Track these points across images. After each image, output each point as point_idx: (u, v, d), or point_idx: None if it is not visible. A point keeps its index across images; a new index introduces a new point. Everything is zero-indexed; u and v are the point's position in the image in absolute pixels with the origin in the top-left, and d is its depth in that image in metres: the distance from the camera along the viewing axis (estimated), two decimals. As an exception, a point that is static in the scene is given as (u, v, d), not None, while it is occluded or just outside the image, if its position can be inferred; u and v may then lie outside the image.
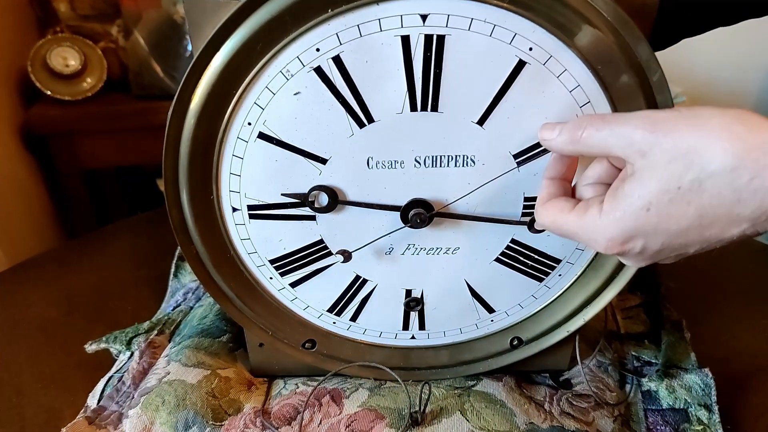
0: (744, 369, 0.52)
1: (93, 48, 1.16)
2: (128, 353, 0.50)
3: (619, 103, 0.35)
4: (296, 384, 0.48)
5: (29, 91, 1.14)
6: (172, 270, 0.63)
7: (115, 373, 0.49)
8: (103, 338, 0.51)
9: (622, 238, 0.30)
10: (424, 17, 0.32)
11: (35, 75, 1.12)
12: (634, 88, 0.34)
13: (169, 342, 0.51)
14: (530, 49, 0.33)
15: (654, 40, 0.49)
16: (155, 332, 0.51)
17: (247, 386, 0.47)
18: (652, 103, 0.35)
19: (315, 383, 0.47)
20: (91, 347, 0.51)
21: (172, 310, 0.56)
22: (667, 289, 0.60)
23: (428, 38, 0.33)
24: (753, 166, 0.25)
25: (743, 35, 0.53)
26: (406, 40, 0.33)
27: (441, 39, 0.33)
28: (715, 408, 0.45)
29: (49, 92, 1.13)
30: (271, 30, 0.32)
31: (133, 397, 0.45)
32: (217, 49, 0.33)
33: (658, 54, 0.51)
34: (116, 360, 0.51)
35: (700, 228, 0.28)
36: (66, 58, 1.13)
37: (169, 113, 0.35)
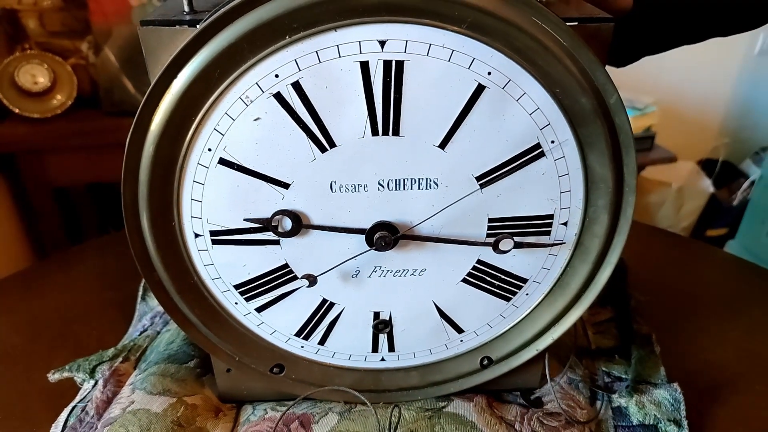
0: (713, 382, 0.52)
1: (63, 65, 1.14)
2: (92, 382, 0.49)
3: (578, 125, 0.35)
4: (265, 409, 0.47)
5: (-3, 109, 1.12)
6: (140, 293, 0.62)
7: (78, 402, 0.47)
8: (66, 366, 0.50)
9: None
10: (382, 43, 0.32)
11: (3, 93, 1.10)
12: (592, 110, 0.35)
13: (135, 369, 0.50)
14: (489, 73, 0.33)
15: (615, 58, 0.50)
16: (120, 359, 0.50)
17: (214, 413, 0.46)
18: (610, 125, 0.36)
19: (284, 408, 0.46)
20: (53, 376, 0.49)
21: (139, 334, 0.55)
22: (637, 303, 0.61)
23: (387, 64, 0.33)
24: None
25: (711, 45, 0.54)
26: (365, 66, 0.33)
27: (400, 64, 0.33)
28: (685, 423, 0.46)
29: (17, 110, 1.11)
30: (229, 57, 0.32)
31: (96, 428, 0.44)
32: (175, 76, 0.33)
33: (628, 65, 0.52)
34: (81, 388, 0.50)
35: None
36: (35, 75, 1.11)
37: (127, 140, 0.35)
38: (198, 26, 0.32)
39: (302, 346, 0.45)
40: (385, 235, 0.38)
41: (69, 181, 1.21)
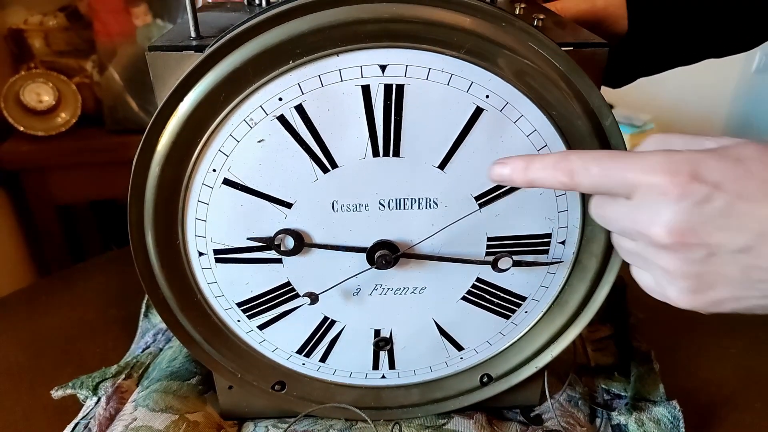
0: (711, 400, 0.52)
1: (67, 83, 1.16)
2: (95, 399, 0.49)
3: (575, 146, 0.36)
4: (266, 427, 0.47)
5: (2, 126, 1.13)
6: (143, 310, 0.62)
7: (81, 419, 0.48)
8: (70, 384, 0.50)
9: (697, 167, 0.25)
10: (383, 68, 0.33)
11: (8, 111, 1.11)
12: (588, 132, 0.36)
13: (137, 386, 0.50)
14: (487, 96, 0.34)
15: (611, 80, 0.51)
16: (123, 376, 0.51)
17: (216, 430, 0.47)
18: (605, 147, 0.36)
19: (285, 425, 0.47)
20: (57, 393, 0.50)
21: (142, 351, 0.55)
22: (636, 320, 0.61)
23: (388, 87, 0.34)
24: None
25: (709, 63, 0.55)
26: (366, 90, 0.34)
27: (400, 88, 0.34)
28: (684, 440, 0.46)
29: (22, 128, 1.13)
30: (234, 81, 0.33)
31: (98, 445, 0.44)
32: (181, 99, 0.34)
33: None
34: (84, 405, 0.50)
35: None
36: (39, 94, 1.13)
37: (134, 160, 0.35)
38: (204, 51, 0.33)
39: (303, 364, 0.45)
40: (385, 254, 0.39)
41: (72, 199, 1.22)
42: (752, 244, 0.26)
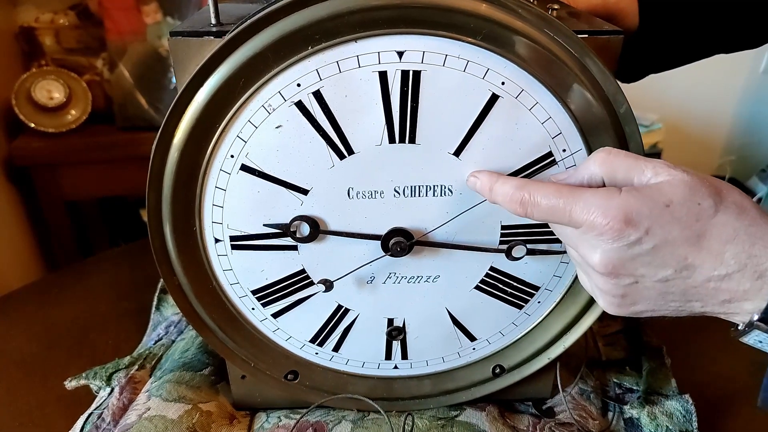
0: (723, 393, 0.52)
1: (78, 80, 1.17)
2: (108, 389, 0.49)
3: (589, 134, 0.36)
4: (279, 417, 0.47)
5: (13, 123, 1.14)
6: (154, 303, 0.62)
7: (95, 409, 0.48)
8: (83, 374, 0.50)
9: (630, 214, 0.29)
10: (400, 54, 0.33)
11: (19, 108, 1.12)
12: (603, 119, 0.36)
13: (150, 377, 0.50)
14: (502, 83, 0.35)
15: (621, 75, 0.51)
16: (136, 367, 0.51)
17: (229, 420, 0.47)
18: (620, 134, 0.37)
19: (298, 416, 0.47)
20: (70, 383, 0.50)
21: (154, 343, 0.55)
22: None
23: (405, 74, 0.34)
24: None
25: (717, 63, 0.55)
26: (383, 76, 0.34)
27: (417, 74, 0.34)
28: (697, 434, 0.46)
29: (33, 125, 1.13)
30: (254, 66, 0.33)
31: (112, 433, 0.45)
32: (201, 85, 0.34)
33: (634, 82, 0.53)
34: (96, 396, 0.50)
35: (696, 247, 0.30)
36: (50, 90, 1.14)
37: (153, 147, 0.36)
38: (224, 37, 0.33)
39: (317, 353, 0.45)
40: (400, 241, 0.39)
41: (82, 195, 1.23)
42: (671, 276, 0.31)
